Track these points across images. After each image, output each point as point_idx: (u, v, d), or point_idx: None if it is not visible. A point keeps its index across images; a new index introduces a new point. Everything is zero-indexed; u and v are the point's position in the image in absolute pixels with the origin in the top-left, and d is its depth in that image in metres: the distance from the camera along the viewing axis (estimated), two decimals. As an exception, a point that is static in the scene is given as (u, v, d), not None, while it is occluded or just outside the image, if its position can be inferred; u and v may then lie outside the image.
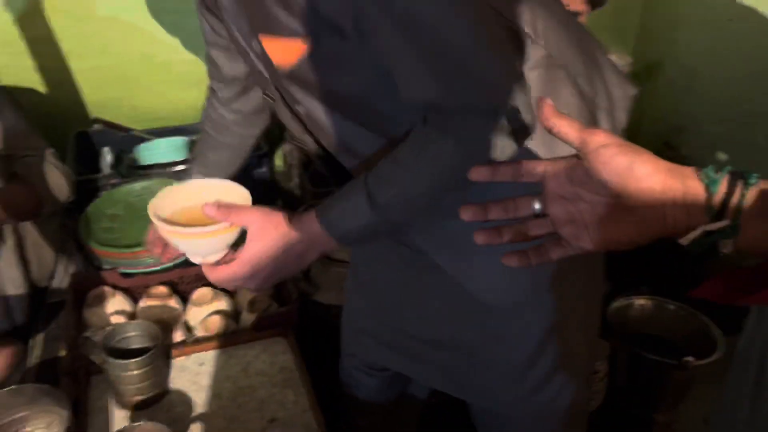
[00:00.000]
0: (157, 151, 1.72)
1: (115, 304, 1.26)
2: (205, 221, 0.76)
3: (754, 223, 0.44)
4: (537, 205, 0.51)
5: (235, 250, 0.79)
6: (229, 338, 1.15)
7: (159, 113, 1.86)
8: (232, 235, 0.78)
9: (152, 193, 1.58)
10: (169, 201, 0.83)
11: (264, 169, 1.75)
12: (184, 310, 1.26)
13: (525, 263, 0.52)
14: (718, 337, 1.48)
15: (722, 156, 1.83)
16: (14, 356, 1.29)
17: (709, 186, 0.44)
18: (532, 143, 0.74)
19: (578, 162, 0.48)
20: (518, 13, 0.77)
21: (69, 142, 1.67)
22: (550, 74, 0.78)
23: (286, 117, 0.87)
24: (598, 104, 0.82)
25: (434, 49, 0.65)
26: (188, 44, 1.78)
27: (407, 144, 0.71)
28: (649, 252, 0.72)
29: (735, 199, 0.44)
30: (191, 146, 1.72)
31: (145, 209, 0.80)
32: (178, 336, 1.19)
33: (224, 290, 1.24)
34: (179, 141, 1.74)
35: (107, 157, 1.68)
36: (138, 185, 1.62)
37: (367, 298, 1.10)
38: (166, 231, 0.78)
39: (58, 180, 1.41)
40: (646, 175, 0.45)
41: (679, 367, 1.41)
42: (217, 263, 0.79)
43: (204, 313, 1.20)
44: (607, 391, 1.51)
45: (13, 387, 1.02)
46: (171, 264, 1.34)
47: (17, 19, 1.63)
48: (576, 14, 0.91)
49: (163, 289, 1.29)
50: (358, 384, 1.23)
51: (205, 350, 1.14)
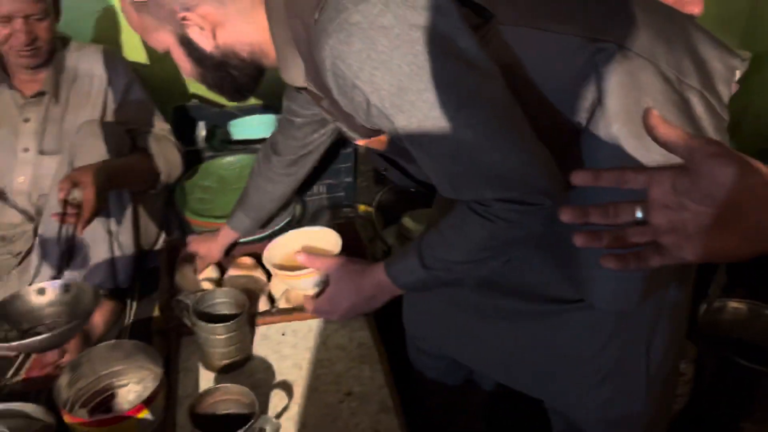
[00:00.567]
0: (248, 127, 1.79)
1: (205, 271, 1.33)
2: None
3: None
4: (639, 213, 0.50)
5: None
6: (310, 311, 1.18)
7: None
8: (319, 277, 1.01)
9: (242, 167, 1.66)
10: (280, 248, 1.11)
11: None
12: (268, 281, 1.30)
13: (622, 266, 0.51)
14: (818, 348, 1.38)
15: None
16: (112, 313, 1.39)
17: None
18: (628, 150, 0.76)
19: (684, 170, 0.46)
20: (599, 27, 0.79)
21: (168, 115, 1.75)
22: (626, 66, 0.77)
23: (376, 159, 1.02)
24: (689, 85, 0.80)
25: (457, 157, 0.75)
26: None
27: (450, 217, 0.83)
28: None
29: None
30: (278, 123, 1.76)
31: (235, 181, 0.86)
32: (261, 305, 1.24)
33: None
34: (267, 118, 1.79)
35: (202, 131, 1.76)
36: (229, 159, 1.68)
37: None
38: (274, 273, 1.06)
39: (174, 155, 1.48)
40: (759, 186, 0.43)
41: (773, 375, 1.33)
42: (316, 295, 1.03)
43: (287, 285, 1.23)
44: (693, 394, 1.45)
45: (112, 342, 1.09)
46: (258, 236, 1.39)
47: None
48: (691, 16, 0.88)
49: (249, 260, 1.34)
50: (425, 365, 1.23)
51: (287, 321, 1.18)
